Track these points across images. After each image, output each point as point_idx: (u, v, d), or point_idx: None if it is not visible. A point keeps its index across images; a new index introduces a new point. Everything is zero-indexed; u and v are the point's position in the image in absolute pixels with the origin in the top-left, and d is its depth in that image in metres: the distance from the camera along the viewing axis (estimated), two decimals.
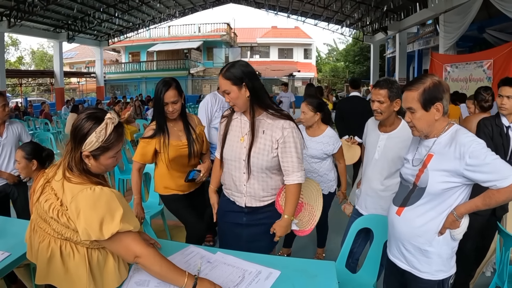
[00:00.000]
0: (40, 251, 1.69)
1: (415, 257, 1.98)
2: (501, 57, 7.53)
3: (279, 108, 2.40)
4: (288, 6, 19.55)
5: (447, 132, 1.88)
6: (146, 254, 1.68)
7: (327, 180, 3.58)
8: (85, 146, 1.63)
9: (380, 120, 2.69)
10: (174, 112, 2.89)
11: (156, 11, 20.68)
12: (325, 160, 3.55)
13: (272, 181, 2.40)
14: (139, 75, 29.97)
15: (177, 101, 2.86)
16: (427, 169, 1.88)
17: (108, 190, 1.64)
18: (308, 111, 3.43)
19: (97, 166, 1.70)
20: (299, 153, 2.33)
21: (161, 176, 3.10)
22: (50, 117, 13.30)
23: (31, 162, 3.06)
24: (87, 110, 1.71)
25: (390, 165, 2.66)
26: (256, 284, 1.85)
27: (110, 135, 1.65)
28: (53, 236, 1.66)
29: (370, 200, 2.83)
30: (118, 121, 1.71)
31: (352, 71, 31.82)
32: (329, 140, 3.47)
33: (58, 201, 1.62)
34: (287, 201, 2.33)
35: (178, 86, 2.91)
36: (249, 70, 2.28)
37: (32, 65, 41.78)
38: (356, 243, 2.88)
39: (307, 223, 2.53)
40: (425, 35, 16.05)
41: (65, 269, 1.68)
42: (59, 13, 16.39)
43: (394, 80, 2.72)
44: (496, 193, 1.72)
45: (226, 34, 31.64)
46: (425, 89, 1.85)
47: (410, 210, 1.97)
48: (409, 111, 1.91)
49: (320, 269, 2.03)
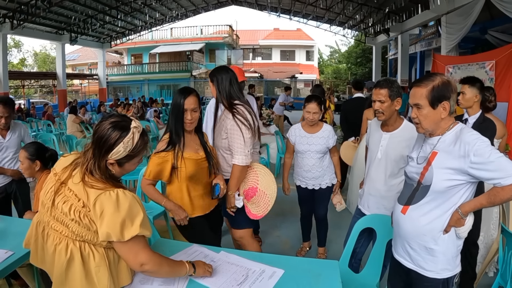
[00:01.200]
0: (58, 255, 1.66)
1: (421, 255, 1.98)
2: (503, 58, 7.49)
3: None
4: (290, 8, 19.55)
5: (452, 131, 1.90)
6: (151, 261, 1.70)
7: (330, 173, 3.72)
8: (112, 155, 1.66)
9: (382, 120, 2.70)
10: (193, 122, 2.65)
11: (159, 13, 20.72)
12: (326, 154, 3.68)
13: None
14: (141, 77, 30.02)
15: (196, 109, 2.66)
16: (432, 167, 1.89)
17: (130, 194, 1.67)
18: (319, 110, 3.52)
19: (121, 171, 1.75)
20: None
21: (176, 199, 2.69)
22: (52, 119, 13.32)
23: (34, 163, 3.06)
24: (110, 118, 1.72)
25: (393, 165, 2.67)
26: (260, 283, 1.86)
27: (137, 143, 1.69)
28: (71, 238, 1.65)
29: (373, 199, 2.83)
30: (143, 129, 1.75)
31: (354, 73, 31.77)
32: (329, 134, 3.60)
33: (80, 202, 1.62)
34: (229, 179, 2.84)
35: (198, 96, 2.77)
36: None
37: (35, 67, 41.93)
38: (359, 243, 2.88)
39: (260, 209, 2.92)
40: (427, 36, 16.02)
41: (86, 271, 1.66)
42: (62, 15, 16.45)
43: (394, 79, 2.75)
44: (501, 191, 1.72)
45: (228, 36, 31.68)
46: (434, 86, 1.86)
47: (415, 208, 1.98)
48: (416, 107, 1.92)
49: (324, 268, 2.04)
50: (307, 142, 3.61)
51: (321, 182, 3.69)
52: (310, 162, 3.63)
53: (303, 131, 3.66)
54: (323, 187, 3.70)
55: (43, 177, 3.06)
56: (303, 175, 3.72)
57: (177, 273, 1.83)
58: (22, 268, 2.69)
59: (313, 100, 3.51)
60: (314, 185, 3.72)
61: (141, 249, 1.68)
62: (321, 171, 3.66)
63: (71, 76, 28.56)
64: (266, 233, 4.64)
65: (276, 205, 3.58)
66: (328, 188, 3.73)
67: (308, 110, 3.52)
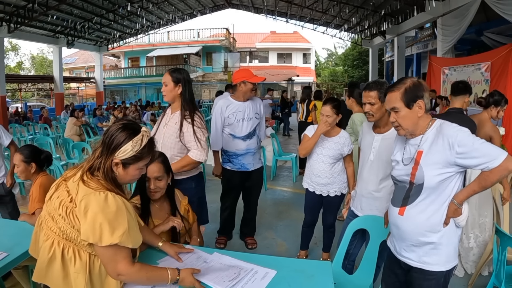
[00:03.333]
0: (43, 250, 1.70)
1: (425, 251, 2.01)
2: (498, 59, 7.55)
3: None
4: (287, 11, 19.59)
5: (432, 128, 1.97)
6: (128, 274, 1.70)
7: (340, 181, 3.60)
8: (119, 154, 1.68)
9: (373, 121, 2.72)
10: (158, 191, 2.40)
11: (155, 17, 20.73)
12: (339, 161, 3.56)
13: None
14: (138, 80, 30.01)
15: (161, 177, 2.39)
16: (420, 166, 1.94)
17: (121, 200, 1.66)
18: (333, 114, 3.37)
19: (124, 175, 1.74)
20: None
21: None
22: (49, 122, 13.33)
23: (29, 165, 3.08)
24: (121, 120, 1.79)
25: (385, 166, 2.66)
26: (252, 283, 1.86)
27: (144, 146, 1.72)
28: (58, 235, 1.67)
29: (366, 201, 2.84)
30: (151, 136, 1.80)
31: (351, 75, 31.79)
32: (345, 141, 3.50)
33: (69, 197, 1.64)
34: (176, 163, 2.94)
35: (166, 161, 2.48)
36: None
37: (32, 71, 41.87)
38: (352, 245, 2.89)
39: None
40: (424, 38, 16.06)
41: (65, 274, 1.68)
42: (59, 19, 16.41)
43: (383, 81, 2.75)
44: (490, 174, 1.80)
45: (225, 39, 31.71)
46: (406, 88, 1.95)
47: (412, 208, 2.01)
48: (393, 111, 2.00)
49: (317, 269, 2.04)
50: (321, 145, 3.52)
51: (329, 189, 3.59)
52: (320, 167, 3.54)
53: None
54: (331, 195, 3.61)
55: (39, 179, 3.08)
56: (312, 179, 3.64)
57: (157, 281, 1.80)
58: (18, 270, 2.69)
59: (328, 103, 3.39)
60: (322, 191, 3.62)
61: (121, 260, 1.67)
62: (330, 178, 3.55)
63: (68, 79, 28.47)
64: (262, 235, 4.64)
65: (272, 207, 3.60)
66: (337, 197, 3.63)
67: (322, 113, 3.41)
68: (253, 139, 4.04)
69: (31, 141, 10.63)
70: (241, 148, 3.99)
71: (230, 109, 3.94)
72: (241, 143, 3.98)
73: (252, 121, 3.99)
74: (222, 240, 4.35)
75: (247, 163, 4.06)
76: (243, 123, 3.94)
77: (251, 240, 4.39)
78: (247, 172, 4.09)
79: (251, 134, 4.00)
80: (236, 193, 4.29)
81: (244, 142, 3.99)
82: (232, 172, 4.10)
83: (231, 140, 3.98)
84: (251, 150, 4.04)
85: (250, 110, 3.97)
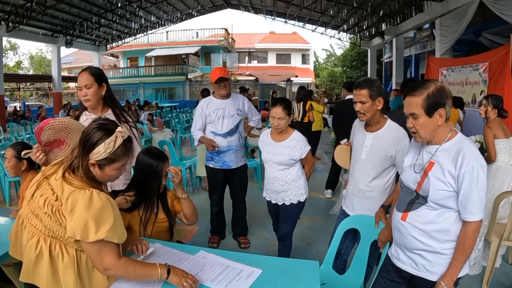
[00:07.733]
0: (28, 249, 1.68)
1: (427, 260, 1.90)
2: (496, 60, 7.52)
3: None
4: (285, 11, 19.57)
5: (451, 141, 1.84)
6: (116, 268, 1.69)
7: (296, 188, 3.27)
8: (93, 155, 1.67)
9: (364, 120, 2.66)
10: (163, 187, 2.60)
11: (154, 16, 20.70)
12: (293, 167, 3.24)
13: None
14: (137, 80, 29.96)
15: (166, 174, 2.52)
16: (428, 178, 1.84)
17: (105, 197, 1.66)
18: (285, 116, 3.11)
19: (102, 175, 1.74)
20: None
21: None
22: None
23: (21, 162, 3.06)
24: (99, 120, 1.75)
25: (377, 165, 2.64)
26: (237, 282, 1.84)
27: (118, 148, 1.69)
28: (44, 233, 1.67)
29: (357, 200, 2.80)
30: (128, 136, 1.75)
31: (349, 76, 31.71)
32: (297, 144, 3.16)
33: (54, 196, 1.64)
34: None
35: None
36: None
37: (31, 70, 41.86)
38: (343, 244, 2.86)
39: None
40: (422, 39, 16.07)
41: (53, 270, 1.67)
42: (57, 18, 16.39)
43: (374, 79, 2.68)
44: (465, 235, 1.78)
45: (224, 39, 31.68)
46: (429, 94, 1.79)
47: (415, 213, 1.92)
48: (412, 117, 1.85)
49: (303, 269, 2.01)
50: (271, 151, 3.23)
51: (284, 197, 3.28)
52: (271, 174, 3.28)
53: (270, 138, 3.29)
54: (287, 203, 3.29)
55: (29, 177, 3.05)
56: (267, 187, 3.40)
57: (146, 278, 1.79)
58: (8, 267, 2.67)
59: (278, 104, 3.10)
60: (278, 200, 3.34)
61: (107, 254, 1.67)
62: (284, 185, 3.24)
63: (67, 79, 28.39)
64: (255, 235, 4.63)
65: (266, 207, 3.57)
66: (293, 205, 3.29)
67: (273, 115, 3.11)
68: (234, 136, 4.09)
69: (28, 140, 10.61)
70: (222, 145, 4.04)
71: (211, 106, 4.04)
72: (222, 140, 4.03)
73: (233, 118, 4.05)
74: (215, 240, 4.35)
75: (229, 161, 4.12)
76: (223, 120, 4.01)
77: (244, 239, 4.38)
78: (230, 169, 4.16)
79: (232, 131, 4.06)
80: (221, 191, 4.33)
81: (225, 139, 4.04)
82: (216, 170, 4.17)
83: (212, 137, 4.03)
84: (233, 147, 4.09)
85: (231, 107, 4.04)
